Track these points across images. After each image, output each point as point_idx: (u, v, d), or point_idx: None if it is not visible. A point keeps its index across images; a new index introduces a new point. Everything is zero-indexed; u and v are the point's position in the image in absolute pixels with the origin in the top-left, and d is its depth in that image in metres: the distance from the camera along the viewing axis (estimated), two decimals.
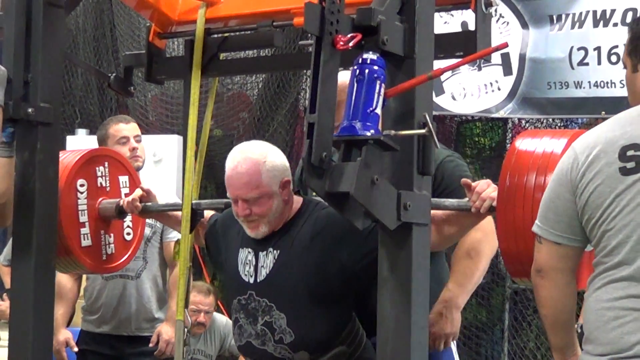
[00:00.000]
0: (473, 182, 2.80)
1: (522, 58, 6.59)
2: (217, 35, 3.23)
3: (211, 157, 6.52)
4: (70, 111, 8.26)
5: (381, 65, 2.25)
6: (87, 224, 3.45)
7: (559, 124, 6.83)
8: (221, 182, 2.99)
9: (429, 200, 2.42)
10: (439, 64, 2.44)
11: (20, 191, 3.03)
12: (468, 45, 2.62)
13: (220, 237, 3.21)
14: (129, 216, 3.59)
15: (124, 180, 3.61)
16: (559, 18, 6.49)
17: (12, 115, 2.98)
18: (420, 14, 2.36)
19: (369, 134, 2.19)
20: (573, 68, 6.41)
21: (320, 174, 2.21)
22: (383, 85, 2.24)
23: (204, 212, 3.31)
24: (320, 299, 2.93)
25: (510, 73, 6.63)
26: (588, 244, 2.50)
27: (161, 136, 7.33)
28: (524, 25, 6.61)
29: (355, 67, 2.25)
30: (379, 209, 2.26)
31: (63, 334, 4.56)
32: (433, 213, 2.51)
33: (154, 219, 3.85)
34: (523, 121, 6.84)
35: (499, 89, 6.69)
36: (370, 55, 2.25)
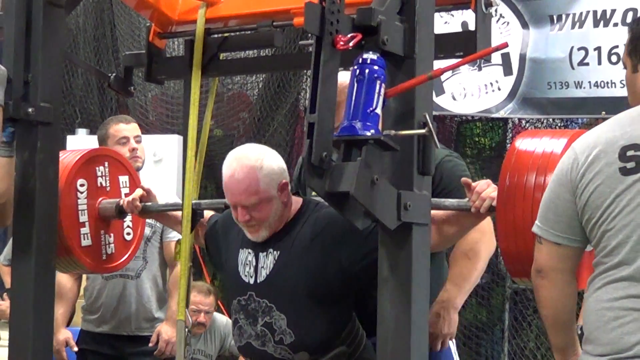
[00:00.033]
0: (473, 182, 2.80)
1: (523, 58, 6.59)
2: (217, 35, 3.23)
3: (211, 157, 6.51)
4: (71, 111, 8.25)
5: (381, 65, 2.25)
6: (87, 224, 3.45)
7: (559, 124, 6.82)
8: (221, 182, 2.99)
9: (429, 200, 2.42)
10: (439, 64, 2.44)
11: (21, 191, 3.03)
12: (468, 45, 2.62)
13: (220, 238, 3.21)
14: (129, 216, 3.59)
15: (124, 180, 3.61)
16: (559, 18, 6.49)
17: (12, 115, 2.98)
18: (420, 14, 2.36)
19: (369, 133, 2.19)
20: (573, 68, 6.41)
21: (321, 173, 2.21)
22: (383, 85, 2.24)
23: (204, 212, 3.31)
24: (321, 299, 2.93)
25: (511, 73, 6.63)
26: (588, 244, 2.50)
27: (161, 136, 7.32)
28: (524, 25, 6.60)
29: (356, 67, 2.25)
30: (379, 209, 2.26)
31: (63, 334, 4.56)
32: (433, 213, 2.50)
33: (154, 219, 3.84)
34: (523, 121, 6.84)
35: (499, 89, 6.69)
36: (370, 55, 2.25)
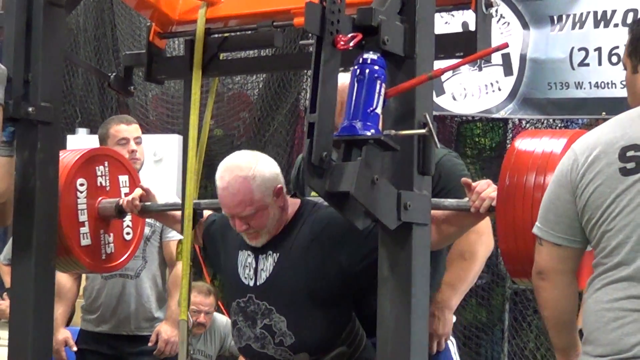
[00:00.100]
0: (473, 182, 2.80)
1: (523, 58, 6.58)
2: (218, 35, 3.22)
3: (211, 157, 6.50)
4: (71, 110, 8.25)
5: (382, 65, 2.24)
6: (87, 224, 3.45)
7: (559, 125, 6.81)
8: None
9: (429, 200, 2.42)
10: (439, 64, 2.43)
11: (21, 190, 3.03)
12: (468, 45, 2.61)
13: (218, 238, 3.20)
14: (128, 216, 3.59)
15: (123, 179, 3.61)
16: (560, 19, 6.48)
17: (13, 114, 2.98)
18: (420, 14, 2.36)
19: (369, 133, 2.19)
20: (574, 68, 6.40)
21: (321, 173, 2.21)
22: (383, 85, 2.24)
23: (203, 212, 3.31)
24: (321, 300, 2.93)
25: (511, 73, 6.62)
26: (588, 245, 2.49)
27: (161, 136, 7.32)
28: (525, 25, 6.60)
29: (356, 67, 2.24)
30: (379, 208, 2.26)
31: (62, 334, 4.55)
32: (432, 212, 2.50)
33: (154, 218, 3.84)
34: (523, 121, 6.83)
35: (499, 89, 6.68)
36: (370, 55, 2.25)
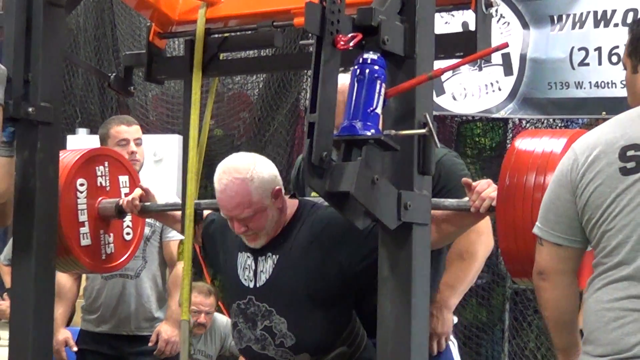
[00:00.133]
0: (473, 182, 2.80)
1: (523, 58, 6.59)
2: (218, 35, 3.22)
3: (211, 157, 6.50)
4: (71, 111, 8.25)
5: (382, 65, 2.24)
6: (87, 224, 3.45)
7: (559, 124, 6.81)
8: None
9: (430, 200, 2.42)
10: (439, 64, 2.43)
11: (21, 191, 3.03)
12: (468, 45, 2.61)
13: (218, 238, 3.20)
14: (128, 216, 3.59)
15: (123, 180, 3.61)
16: (560, 18, 6.48)
17: (13, 114, 2.98)
18: (420, 14, 2.35)
19: (369, 133, 2.19)
20: (574, 68, 6.41)
21: (321, 173, 2.21)
22: (383, 85, 2.24)
23: (203, 212, 3.31)
24: (321, 301, 2.92)
25: (511, 73, 6.62)
26: (588, 245, 2.49)
27: (162, 136, 7.32)
28: (525, 25, 6.60)
29: (356, 67, 2.24)
30: (379, 208, 2.26)
31: (62, 334, 4.55)
32: (432, 212, 2.50)
33: (154, 218, 3.84)
34: (524, 121, 6.83)
35: (499, 89, 6.68)
36: (370, 55, 2.25)
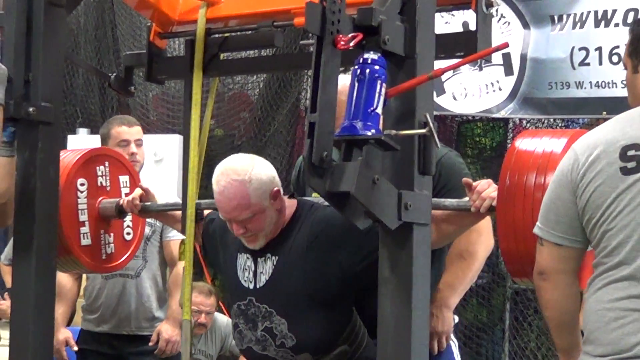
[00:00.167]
0: (474, 182, 2.80)
1: (523, 58, 6.59)
2: (218, 35, 3.22)
3: (212, 157, 6.51)
4: (72, 110, 8.26)
5: (382, 65, 2.24)
6: (87, 223, 3.45)
7: (560, 124, 6.82)
8: None
9: (430, 200, 2.42)
10: (439, 64, 2.43)
11: (21, 191, 3.03)
12: (469, 45, 2.61)
13: (217, 238, 3.20)
14: (129, 216, 3.59)
15: (124, 180, 3.61)
16: (560, 18, 6.49)
17: (13, 114, 2.98)
18: (421, 14, 2.35)
19: (369, 133, 2.19)
20: (574, 68, 6.41)
21: (321, 173, 2.21)
22: (384, 85, 2.24)
23: (203, 212, 3.31)
24: (321, 302, 2.92)
25: (512, 73, 6.63)
26: (589, 245, 2.49)
27: (162, 136, 7.33)
28: (525, 25, 6.60)
29: (356, 67, 2.24)
30: (379, 208, 2.26)
31: (63, 333, 4.55)
32: (432, 212, 2.50)
33: (154, 218, 3.85)
34: (524, 121, 6.84)
35: (500, 89, 6.68)
36: (371, 55, 2.25)
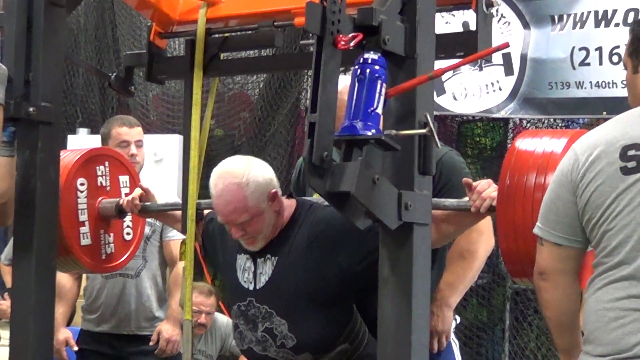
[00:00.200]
0: (474, 182, 2.80)
1: (524, 58, 6.59)
2: (218, 35, 3.22)
3: (212, 157, 6.51)
4: (72, 110, 8.25)
5: (382, 65, 2.24)
6: (87, 223, 3.45)
7: (560, 124, 6.81)
8: None
9: (430, 200, 2.42)
10: (440, 64, 2.43)
11: (21, 190, 3.03)
12: (469, 45, 2.61)
13: (217, 238, 3.20)
14: (128, 216, 3.59)
15: (124, 180, 3.61)
16: (561, 18, 6.49)
17: (13, 114, 2.97)
18: (421, 13, 2.35)
19: (370, 133, 2.19)
20: (574, 68, 6.41)
21: (321, 173, 2.21)
22: (384, 85, 2.24)
23: (203, 211, 3.31)
24: (321, 302, 2.93)
25: (512, 73, 6.63)
26: (589, 245, 2.49)
27: (162, 136, 7.32)
28: (525, 25, 6.60)
29: (357, 67, 2.24)
30: (379, 208, 2.26)
31: (63, 333, 4.56)
32: (432, 211, 2.50)
33: (154, 218, 3.85)
34: (524, 121, 6.83)
35: (500, 89, 6.68)
36: (371, 55, 2.25)
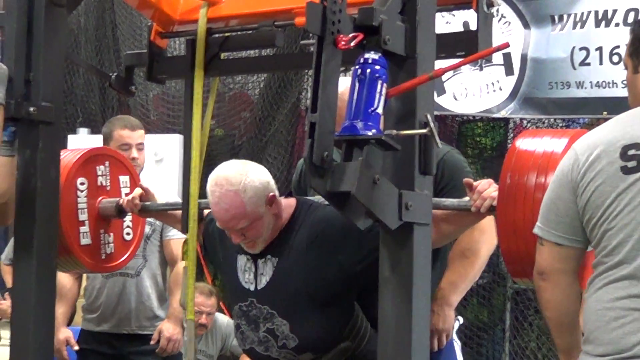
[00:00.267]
0: (475, 182, 2.80)
1: (524, 58, 6.59)
2: (219, 35, 3.22)
3: (212, 157, 6.51)
4: (72, 110, 8.25)
5: (383, 64, 2.24)
6: (87, 223, 3.45)
7: (560, 124, 6.81)
8: None
9: (430, 200, 2.42)
10: (440, 63, 2.43)
11: (22, 190, 3.03)
12: (469, 45, 2.61)
13: (217, 238, 3.20)
14: (128, 216, 3.59)
15: (124, 179, 3.61)
16: (561, 18, 6.49)
17: (14, 114, 2.97)
18: (421, 13, 2.35)
19: (370, 133, 2.19)
20: (575, 68, 6.41)
21: (322, 173, 2.21)
22: (385, 84, 2.24)
23: (203, 211, 3.31)
24: (322, 302, 2.93)
25: (512, 73, 6.63)
26: (589, 245, 2.49)
27: (162, 135, 7.32)
28: (526, 25, 6.60)
29: (357, 67, 2.24)
30: (380, 208, 2.26)
31: (63, 333, 4.56)
32: (433, 211, 2.50)
33: (154, 217, 3.85)
34: (524, 121, 6.83)
35: (500, 89, 6.68)
36: (371, 55, 2.25)
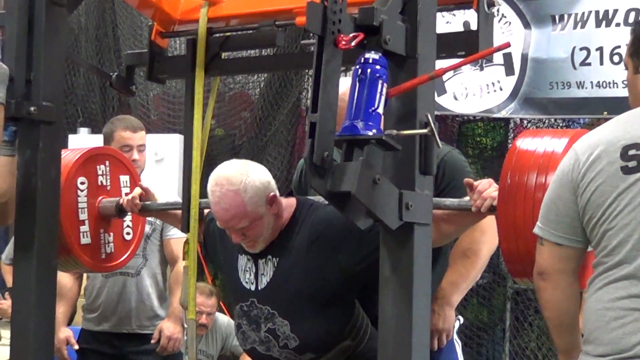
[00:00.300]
0: (475, 182, 2.80)
1: (524, 58, 6.58)
2: (219, 35, 3.23)
3: (213, 157, 6.51)
4: (73, 110, 8.25)
5: (383, 64, 2.24)
6: (87, 222, 3.45)
7: (561, 124, 6.81)
8: None
9: (431, 200, 2.42)
10: (441, 63, 2.43)
11: (22, 190, 3.03)
12: (470, 45, 2.61)
13: (217, 238, 3.21)
14: (128, 216, 3.59)
15: (124, 179, 3.61)
16: (561, 18, 6.48)
17: (14, 113, 2.97)
18: (422, 13, 2.35)
19: (370, 133, 2.19)
20: (575, 68, 6.41)
21: (322, 173, 2.21)
22: (385, 84, 2.23)
23: (204, 211, 3.31)
24: (323, 302, 2.93)
25: (512, 73, 6.62)
26: (589, 245, 2.49)
27: (163, 135, 7.32)
28: (526, 25, 6.60)
29: (358, 67, 2.24)
30: (380, 208, 2.26)
31: (63, 332, 4.56)
32: (433, 211, 2.50)
33: (154, 217, 3.85)
34: (525, 121, 6.83)
35: (500, 89, 6.68)
36: (372, 55, 2.25)
